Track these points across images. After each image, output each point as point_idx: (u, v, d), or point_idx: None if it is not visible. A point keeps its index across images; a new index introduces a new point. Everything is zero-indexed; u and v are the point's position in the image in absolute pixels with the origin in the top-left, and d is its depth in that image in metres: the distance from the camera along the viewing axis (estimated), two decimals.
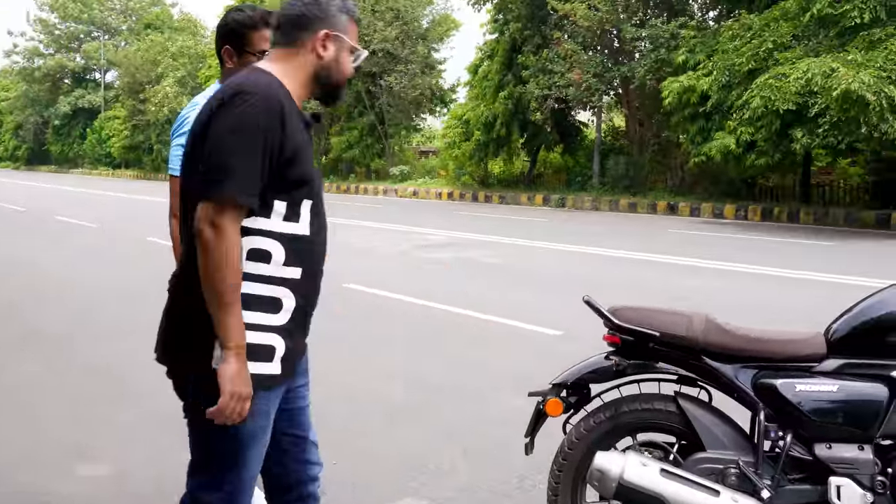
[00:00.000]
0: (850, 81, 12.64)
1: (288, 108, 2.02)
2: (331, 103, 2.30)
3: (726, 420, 2.64)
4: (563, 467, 2.74)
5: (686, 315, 2.64)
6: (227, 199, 1.91)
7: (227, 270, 1.91)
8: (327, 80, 2.20)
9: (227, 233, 1.91)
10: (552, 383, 2.79)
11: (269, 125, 1.96)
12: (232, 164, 1.92)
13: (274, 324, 2.03)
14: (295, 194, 2.05)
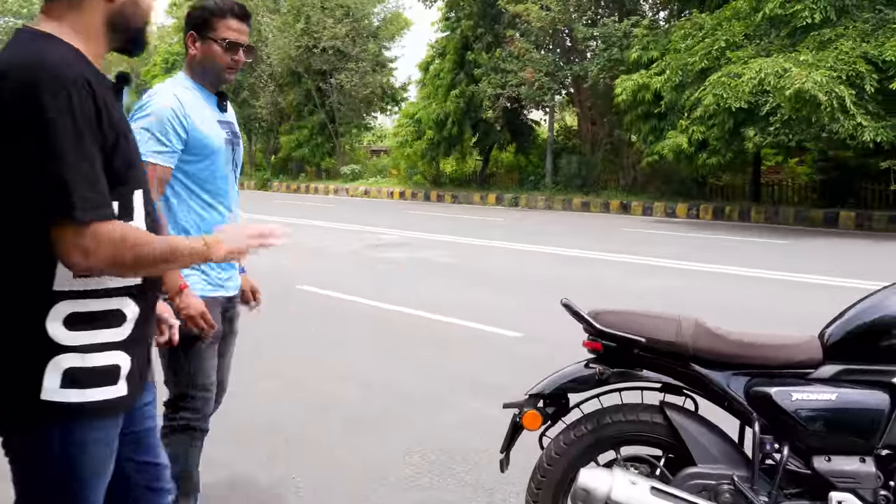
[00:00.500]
0: (804, 81, 12.71)
1: (94, 80, 1.64)
2: (135, 52, 1.89)
3: (717, 431, 2.45)
4: (543, 485, 2.53)
5: (674, 319, 2.45)
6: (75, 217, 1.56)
7: (141, 262, 1.67)
8: (125, 26, 1.78)
9: (102, 242, 1.59)
10: (529, 394, 2.57)
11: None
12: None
13: (116, 339, 1.73)
14: (123, 188, 1.70)
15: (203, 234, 1.94)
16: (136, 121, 2.72)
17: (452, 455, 3.97)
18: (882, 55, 13.52)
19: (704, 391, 2.47)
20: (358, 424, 4.43)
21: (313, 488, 3.59)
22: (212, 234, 1.86)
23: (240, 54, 2.86)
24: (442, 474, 3.75)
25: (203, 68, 2.87)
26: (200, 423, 2.93)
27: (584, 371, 2.51)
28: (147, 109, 2.74)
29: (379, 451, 4.03)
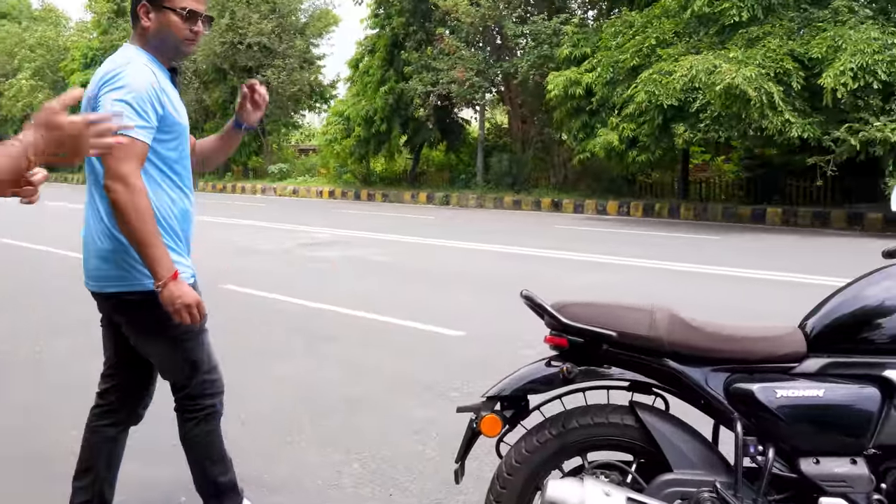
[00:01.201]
0: (734, 77, 12.81)
1: None
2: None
3: (693, 434, 2.23)
4: (503, 497, 2.27)
5: (646, 310, 2.22)
6: None
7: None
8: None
9: None
10: (486, 396, 2.31)
11: None
12: None
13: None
14: None
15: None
16: (110, 93, 2.49)
17: (394, 463, 3.69)
18: (808, 53, 13.75)
19: (679, 389, 2.25)
20: (291, 432, 4.11)
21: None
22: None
23: (199, 25, 2.64)
24: (384, 484, 3.47)
25: (160, 41, 2.63)
26: (220, 406, 2.86)
27: (547, 370, 2.26)
28: (120, 81, 2.50)
29: (315, 461, 3.73)
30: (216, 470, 2.88)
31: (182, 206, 2.72)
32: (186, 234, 2.77)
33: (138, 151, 2.48)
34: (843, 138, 13.41)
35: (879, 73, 13.01)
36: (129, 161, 2.44)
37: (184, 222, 2.75)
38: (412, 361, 5.45)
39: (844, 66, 13.03)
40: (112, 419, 2.88)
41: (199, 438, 2.83)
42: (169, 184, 2.66)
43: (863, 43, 13.21)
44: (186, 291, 2.49)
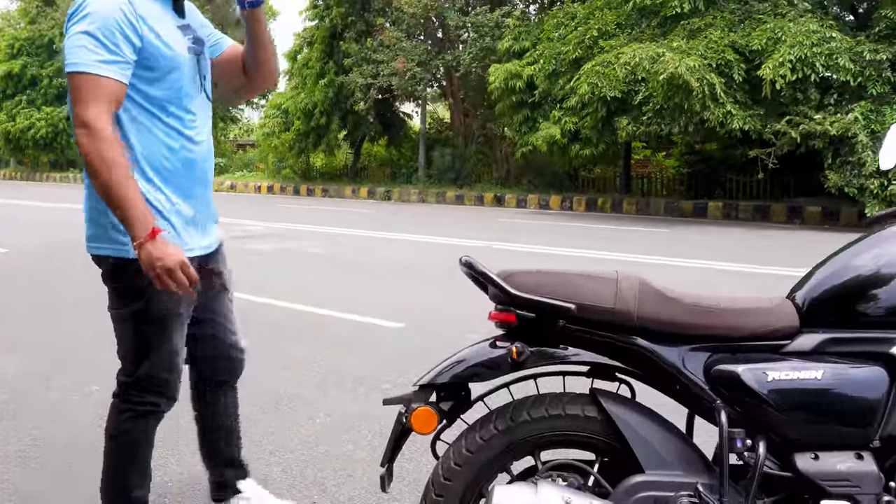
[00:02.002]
0: (677, 66, 12.65)
1: None
2: None
3: (667, 427, 1.86)
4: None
5: (610, 279, 1.85)
6: None
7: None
8: None
9: None
10: (419, 385, 1.92)
11: None
12: None
13: None
14: None
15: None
16: (73, 25, 2.14)
17: (321, 466, 3.28)
18: (749, 45, 13.69)
19: (649, 373, 1.89)
20: None
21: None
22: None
23: None
24: (307, 489, 3.05)
25: None
26: (167, 407, 2.44)
27: (492, 352, 1.88)
28: (84, 10, 2.13)
29: None
30: (133, 480, 2.45)
31: (185, 156, 2.31)
32: (192, 191, 2.35)
33: (105, 92, 2.10)
34: (783, 131, 13.39)
35: (817, 65, 13.01)
36: (94, 103, 2.08)
37: (188, 176, 2.33)
38: (348, 355, 5.03)
39: (783, 58, 13.00)
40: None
41: (129, 436, 2.41)
42: (162, 129, 2.26)
43: (802, 35, 13.20)
44: (168, 253, 2.09)
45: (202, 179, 2.39)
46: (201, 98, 2.37)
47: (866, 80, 13.19)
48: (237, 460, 2.75)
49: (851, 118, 12.82)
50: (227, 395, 2.72)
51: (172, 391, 2.43)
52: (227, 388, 2.71)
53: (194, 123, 2.34)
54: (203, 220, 2.42)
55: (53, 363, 4.72)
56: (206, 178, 2.41)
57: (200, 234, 2.41)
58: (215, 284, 2.55)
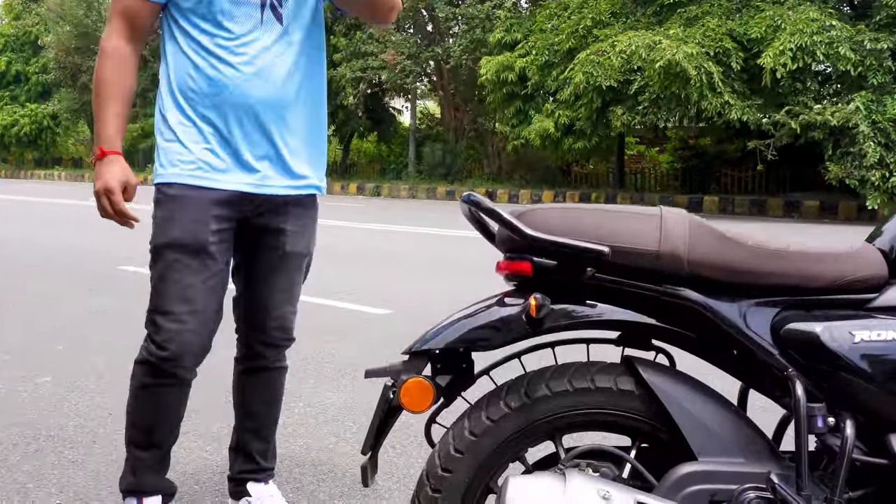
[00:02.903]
0: (674, 53, 12.31)
1: None
2: None
3: (723, 403, 1.48)
4: (435, 503, 1.49)
5: (652, 215, 1.46)
6: None
7: None
8: None
9: None
10: (411, 351, 1.53)
11: None
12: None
13: None
14: None
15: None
16: None
17: (300, 461, 2.89)
18: (747, 33, 13.37)
19: (699, 337, 1.50)
20: (192, 421, 3.25)
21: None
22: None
23: None
24: (282, 487, 2.65)
25: None
26: (165, 364, 2.05)
27: (502, 310, 1.49)
28: None
29: (205, 459, 2.90)
30: (136, 436, 2.15)
31: (214, 77, 1.99)
32: (225, 118, 2.02)
33: (118, 7, 2.03)
34: (782, 122, 13.07)
35: (818, 54, 12.70)
36: (110, 21, 2.06)
37: (214, 101, 2.00)
38: (330, 342, 4.63)
39: (784, 46, 12.68)
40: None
41: (131, 382, 2.15)
42: (192, 47, 2.03)
43: (802, 23, 12.88)
44: (101, 174, 1.99)
45: (249, 110, 2.03)
46: (254, 17, 2.01)
47: (867, 69, 12.89)
48: (254, 457, 2.35)
49: (852, 108, 12.50)
50: (260, 377, 2.33)
51: (163, 341, 2.05)
52: (262, 368, 2.33)
53: (233, 43, 2.00)
54: (250, 156, 2.06)
55: (5, 353, 4.32)
56: (245, 102, 2.03)
57: (241, 170, 2.06)
58: (269, 244, 2.18)
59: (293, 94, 2.10)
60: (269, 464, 2.38)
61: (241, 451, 2.35)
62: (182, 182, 2.01)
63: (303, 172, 2.16)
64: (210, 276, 2.05)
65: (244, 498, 2.33)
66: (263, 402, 2.34)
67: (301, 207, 2.19)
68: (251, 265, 2.21)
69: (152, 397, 2.12)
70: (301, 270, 2.29)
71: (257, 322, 2.25)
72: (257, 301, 2.23)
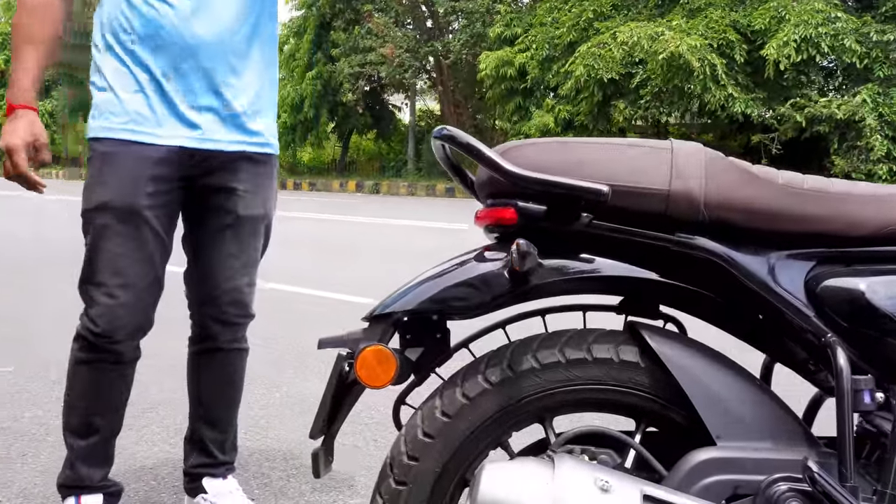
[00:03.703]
0: (677, 44, 12.05)
1: None
2: None
3: (746, 377, 1.22)
4: (400, 498, 1.24)
5: (661, 148, 1.21)
6: None
7: None
8: None
9: None
10: (371, 315, 1.28)
11: None
12: None
13: None
14: None
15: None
16: None
17: (270, 455, 2.65)
18: (751, 24, 13.11)
19: (718, 298, 1.25)
20: (144, 416, 3.01)
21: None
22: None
23: None
24: (248, 483, 2.40)
25: None
26: (99, 340, 1.83)
27: (480, 265, 1.24)
28: None
29: (166, 453, 2.65)
30: (72, 420, 1.92)
31: (149, 16, 1.75)
32: (162, 63, 1.79)
33: None
34: (787, 115, 12.82)
35: (823, 45, 12.44)
36: None
37: (150, 44, 1.77)
38: (311, 331, 4.37)
39: (788, 38, 12.41)
40: None
41: (69, 360, 1.93)
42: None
43: (806, 14, 12.62)
44: (9, 131, 1.74)
45: (190, 54, 1.79)
46: None
47: (873, 61, 12.63)
48: (209, 449, 2.09)
49: (859, 101, 12.24)
50: (214, 360, 2.06)
51: (95, 316, 1.82)
52: (215, 349, 2.05)
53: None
54: (190, 107, 1.82)
55: None
56: (199, 54, 1.80)
57: (180, 123, 1.82)
58: (219, 206, 1.93)
59: (243, 38, 1.86)
60: (228, 457, 2.13)
61: (195, 442, 2.10)
62: (112, 137, 1.77)
63: (256, 128, 1.93)
64: (144, 244, 1.81)
65: (200, 495, 2.08)
66: (218, 388, 2.08)
67: (255, 164, 1.95)
68: (200, 231, 1.97)
69: (89, 375, 1.88)
70: (258, 236, 2.02)
71: (209, 296, 1.99)
72: (208, 272, 1.98)
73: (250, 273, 2.02)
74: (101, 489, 1.96)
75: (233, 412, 2.13)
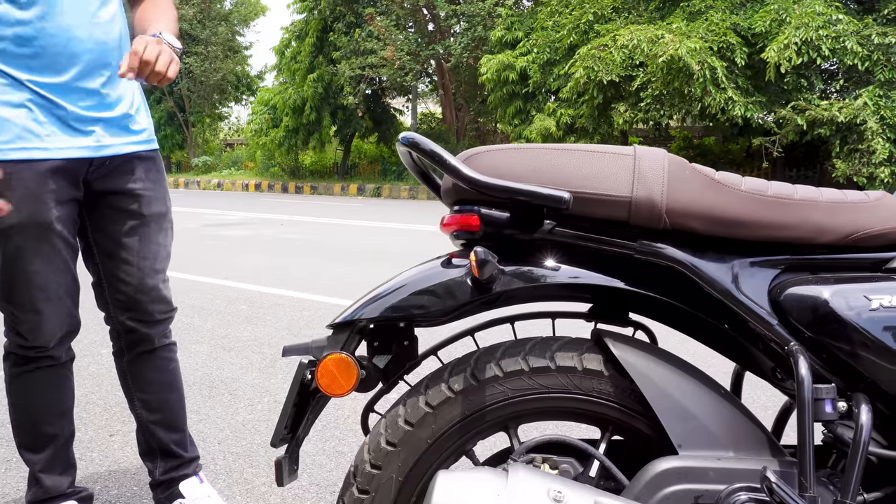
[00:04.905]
0: (677, 48, 12.03)
1: None
2: None
3: (711, 386, 1.21)
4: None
5: (623, 155, 1.20)
6: None
7: None
8: None
9: None
10: (334, 323, 1.28)
11: None
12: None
13: None
14: None
15: None
16: None
17: (254, 461, 2.64)
18: (751, 27, 13.08)
19: (683, 303, 1.24)
20: (121, 420, 3.00)
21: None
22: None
23: None
24: (232, 488, 2.40)
25: None
26: (31, 352, 1.86)
27: (444, 273, 1.23)
28: None
29: (137, 453, 2.64)
30: (24, 437, 1.93)
31: (18, 25, 1.71)
32: (41, 71, 1.74)
33: None
34: (788, 118, 12.78)
35: (824, 48, 12.39)
36: None
37: (25, 51, 1.73)
38: (298, 336, 4.37)
39: (788, 40, 12.37)
40: None
41: (5, 380, 1.95)
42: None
43: (807, 16, 12.58)
44: None
45: (68, 62, 1.76)
46: None
47: (874, 64, 12.58)
48: (173, 451, 2.07)
49: (860, 104, 12.20)
50: (151, 361, 2.03)
51: (33, 335, 1.82)
52: (149, 351, 2.03)
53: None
54: (79, 113, 1.79)
55: None
56: (77, 61, 1.77)
57: (71, 132, 1.78)
58: (123, 208, 1.91)
59: (117, 38, 1.86)
60: (192, 452, 2.12)
61: (156, 450, 2.07)
62: (4, 159, 1.72)
63: (140, 127, 1.93)
64: (58, 253, 1.80)
65: (176, 500, 2.07)
66: (166, 388, 2.06)
67: (146, 162, 1.95)
68: (108, 239, 1.93)
69: (28, 385, 1.88)
70: (166, 232, 2.01)
71: (130, 301, 1.96)
72: (122, 277, 1.94)
73: (164, 269, 2.01)
74: (72, 495, 1.96)
75: (183, 407, 2.11)
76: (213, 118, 31.79)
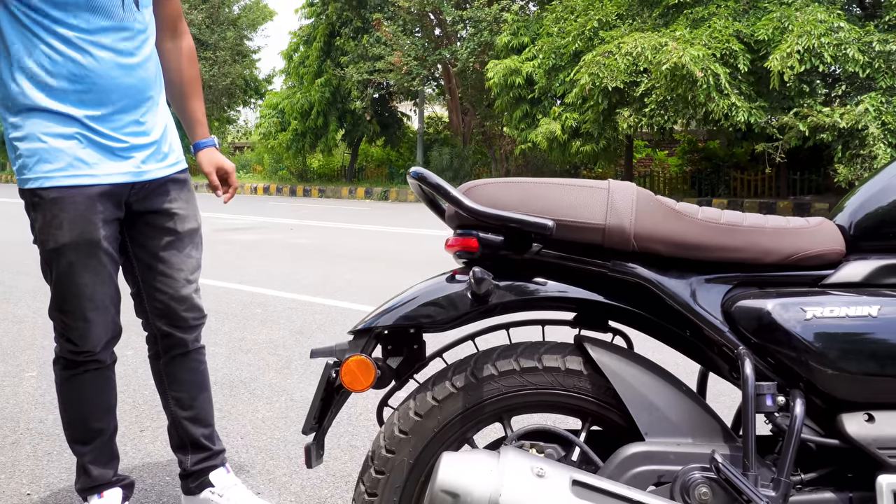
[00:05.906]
0: (680, 55, 12.22)
1: None
2: None
3: (673, 382, 1.43)
4: (380, 485, 1.46)
5: (599, 188, 1.42)
6: None
7: None
8: None
9: None
10: (355, 330, 1.50)
11: None
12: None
13: None
14: None
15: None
16: None
17: (275, 454, 2.86)
18: (754, 34, 13.26)
19: (652, 316, 1.46)
20: (149, 417, 3.23)
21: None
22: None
23: None
24: (255, 479, 2.62)
25: None
26: (79, 357, 2.09)
27: (448, 286, 1.45)
28: None
29: (171, 453, 2.86)
30: (74, 433, 2.17)
31: (72, 64, 1.92)
32: (93, 106, 1.97)
33: None
34: (790, 124, 12.96)
35: (826, 55, 12.58)
36: None
37: (77, 88, 1.94)
38: (311, 338, 4.60)
39: (791, 48, 12.55)
40: None
41: (55, 382, 2.19)
42: (43, 32, 1.91)
43: (809, 24, 12.76)
44: None
45: (113, 97, 1.99)
46: (108, 4, 1.95)
47: (875, 71, 12.76)
48: (204, 444, 2.30)
49: (862, 110, 12.37)
50: (185, 363, 2.27)
51: (83, 341, 2.05)
52: (183, 353, 2.26)
53: (94, 24, 1.94)
54: (122, 144, 2.03)
55: None
56: (121, 96, 2.01)
57: (116, 159, 2.02)
58: (161, 226, 2.17)
59: (154, 74, 2.10)
60: (219, 445, 2.35)
61: (187, 444, 2.30)
62: (57, 185, 1.94)
63: (175, 150, 2.19)
64: (104, 267, 2.03)
65: (206, 489, 2.29)
66: (197, 386, 2.29)
67: (179, 183, 2.19)
68: (147, 253, 2.16)
69: (78, 387, 2.12)
70: (197, 246, 2.27)
71: (167, 308, 2.19)
72: (160, 287, 2.18)
73: (196, 280, 2.26)
74: (117, 483, 2.19)
75: (211, 404, 2.35)
76: (221, 122, 32.10)
